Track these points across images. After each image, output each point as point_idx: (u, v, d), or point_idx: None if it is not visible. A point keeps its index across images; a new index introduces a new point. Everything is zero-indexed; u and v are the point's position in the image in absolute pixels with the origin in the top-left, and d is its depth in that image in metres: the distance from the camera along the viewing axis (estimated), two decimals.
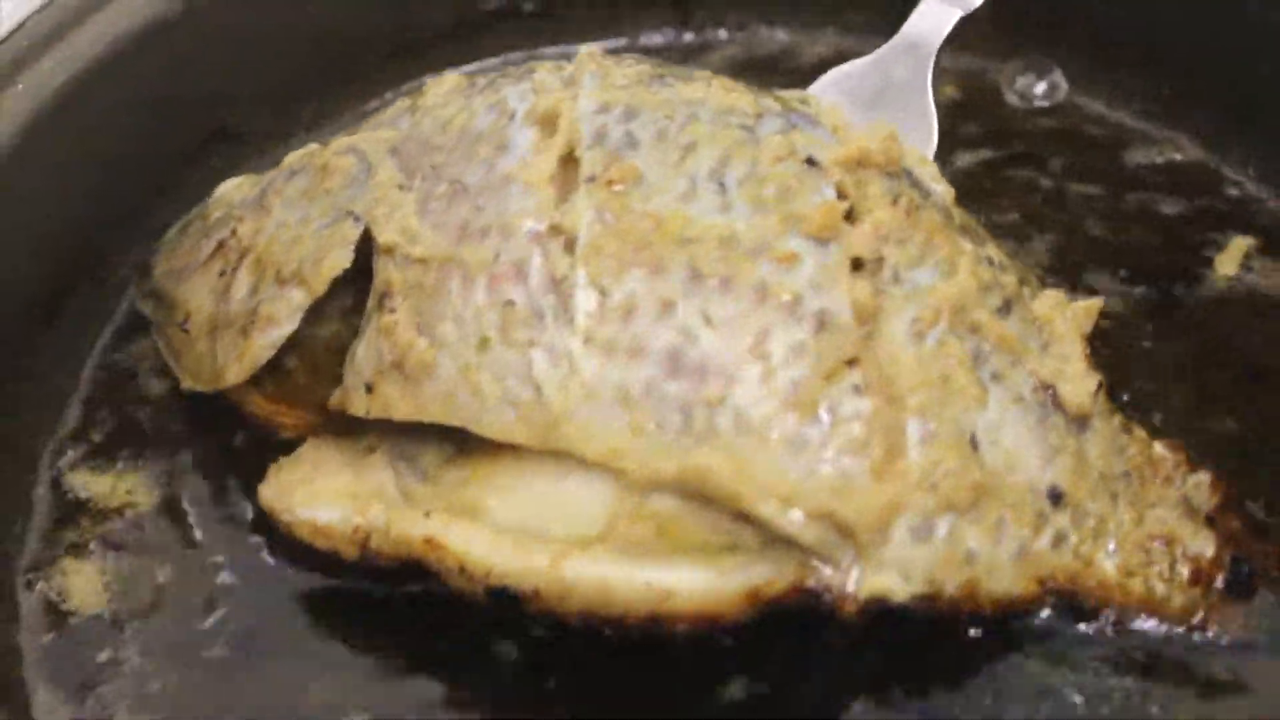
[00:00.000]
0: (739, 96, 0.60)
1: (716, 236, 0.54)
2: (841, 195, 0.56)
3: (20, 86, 0.68)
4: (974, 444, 0.54)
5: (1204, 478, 0.58)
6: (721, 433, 0.53)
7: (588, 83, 0.60)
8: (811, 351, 0.53)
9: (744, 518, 0.53)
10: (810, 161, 0.57)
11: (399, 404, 0.57)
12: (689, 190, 0.56)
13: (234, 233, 0.64)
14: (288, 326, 0.60)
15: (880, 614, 0.53)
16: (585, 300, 0.54)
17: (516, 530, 0.55)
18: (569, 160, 0.58)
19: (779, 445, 0.52)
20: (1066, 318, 0.58)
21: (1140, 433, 0.59)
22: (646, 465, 0.53)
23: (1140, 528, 0.57)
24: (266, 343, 0.60)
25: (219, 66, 0.76)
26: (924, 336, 0.55)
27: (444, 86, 0.64)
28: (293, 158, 0.66)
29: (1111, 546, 0.56)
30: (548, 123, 0.59)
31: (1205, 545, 0.57)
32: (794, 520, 0.52)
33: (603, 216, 0.55)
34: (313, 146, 0.66)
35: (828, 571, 0.53)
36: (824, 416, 0.52)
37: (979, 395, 0.55)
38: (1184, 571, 0.57)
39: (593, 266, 0.55)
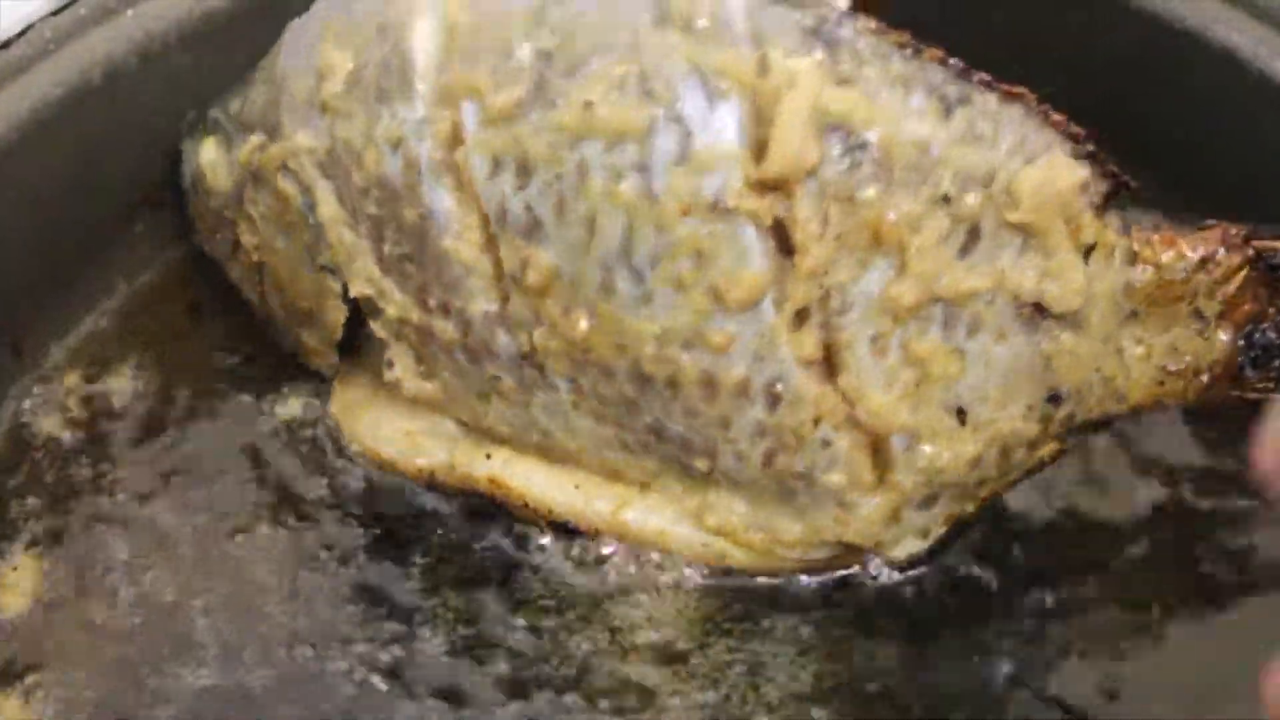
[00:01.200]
0: (624, 109, 0.52)
1: (649, 336, 0.54)
2: (760, 222, 0.51)
3: None
4: (961, 415, 0.55)
5: (1216, 272, 0.54)
6: (723, 483, 0.58)
7: (469, 118, 0.54)
8: (772, 429, 0.55)
9: None
10: (716, 207, 0.51)
11: (427, 403, 0.63)
12: (606, 282, 0.54)
13: (239, 235, 0.66)
14: (331, 359, 0.66)
15: None
16: (560, 381, 0.58)
17: (577, 473, 0.61)
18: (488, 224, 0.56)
19: (775, 503, 0.58)
20: (1049, 202, 0.52)
21: (1149, 250, 0.54)
22: (668, 492, 0.60)
23: (1150, 361, 0.55)
24: (325, 366, 0.67)
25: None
26: (887, 351, 0.53)
27: (337, 75, 0.59)
28: (245, 156, 0.63)
29: (1122, 394, 0.56)
30: (454, 172, 0.56)
31: (1220, 348, 0.55)
32: (809, 553, 0.59)
33: (540, 322, 0.56)
34: (256, 140, 0.63)
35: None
36: (804, 476, 0.56)
37: (957, 366, 0.54)
38: (1204, 379, 0.56)
39: (551, 365, 0.57)
